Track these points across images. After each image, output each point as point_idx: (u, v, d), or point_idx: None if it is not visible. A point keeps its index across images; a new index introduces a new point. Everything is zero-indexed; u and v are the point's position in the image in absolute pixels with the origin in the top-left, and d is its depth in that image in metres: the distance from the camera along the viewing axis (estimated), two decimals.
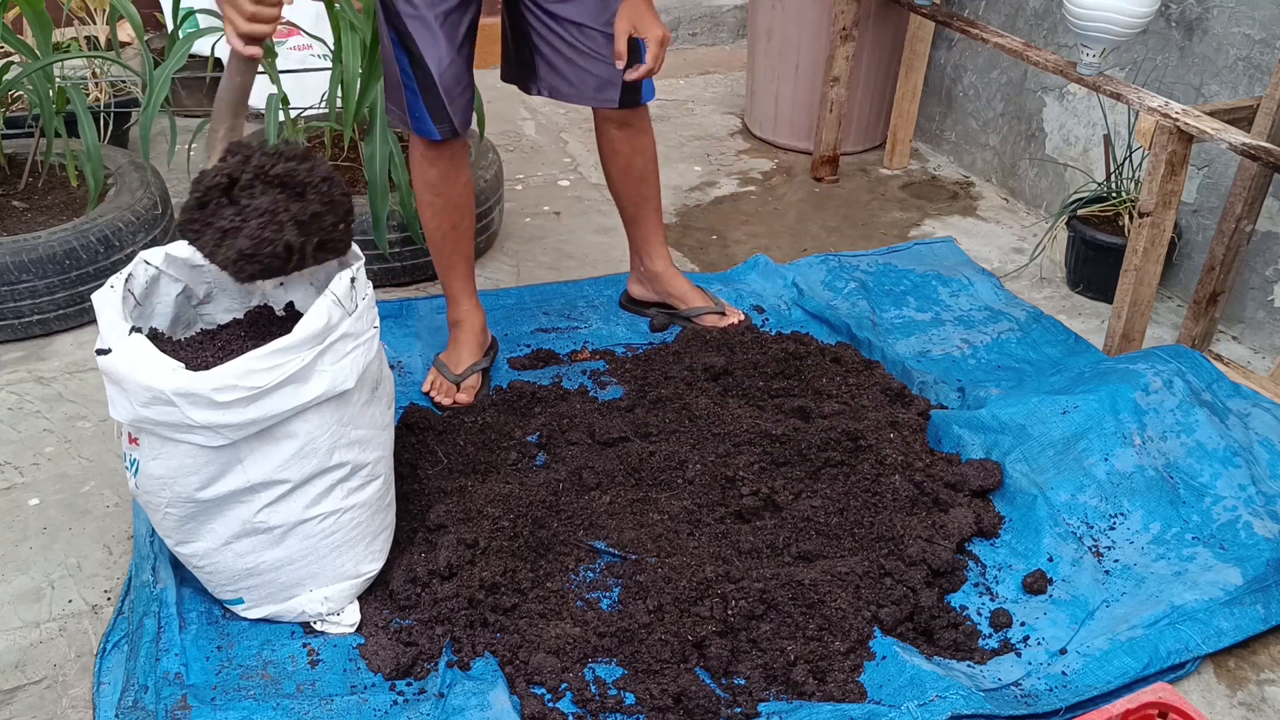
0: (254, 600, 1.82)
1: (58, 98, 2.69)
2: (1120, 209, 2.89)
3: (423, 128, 2.23)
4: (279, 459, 1.66)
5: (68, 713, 1.72)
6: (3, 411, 2.34)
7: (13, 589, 1.93)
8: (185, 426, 1.58)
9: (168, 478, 1.65)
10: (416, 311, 2.71)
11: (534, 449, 2.23)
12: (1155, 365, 2.23)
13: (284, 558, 1.76)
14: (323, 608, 1.83)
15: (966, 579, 1.98)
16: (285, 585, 1.79)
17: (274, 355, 1.59)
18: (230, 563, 1.75)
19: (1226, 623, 1.86)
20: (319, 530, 1.75)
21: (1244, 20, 2.66)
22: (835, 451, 2.16)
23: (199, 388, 1.55)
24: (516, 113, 3.95)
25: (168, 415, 1.57)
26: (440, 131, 2.23)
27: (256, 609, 1.83)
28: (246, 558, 1.74)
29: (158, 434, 1.61)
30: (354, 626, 1.84)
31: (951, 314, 2.79)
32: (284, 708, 1.67)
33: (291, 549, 1.75)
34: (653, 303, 2.74)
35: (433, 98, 2.19)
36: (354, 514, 1.79)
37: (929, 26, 3.37)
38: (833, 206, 3.42)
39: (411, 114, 2.22)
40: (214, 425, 1.58)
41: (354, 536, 1.81)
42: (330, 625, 1.84)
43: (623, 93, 2.35)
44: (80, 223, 2.58)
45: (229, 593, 1.82)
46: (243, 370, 1.57)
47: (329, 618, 1.84)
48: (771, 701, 1.72)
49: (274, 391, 1.59)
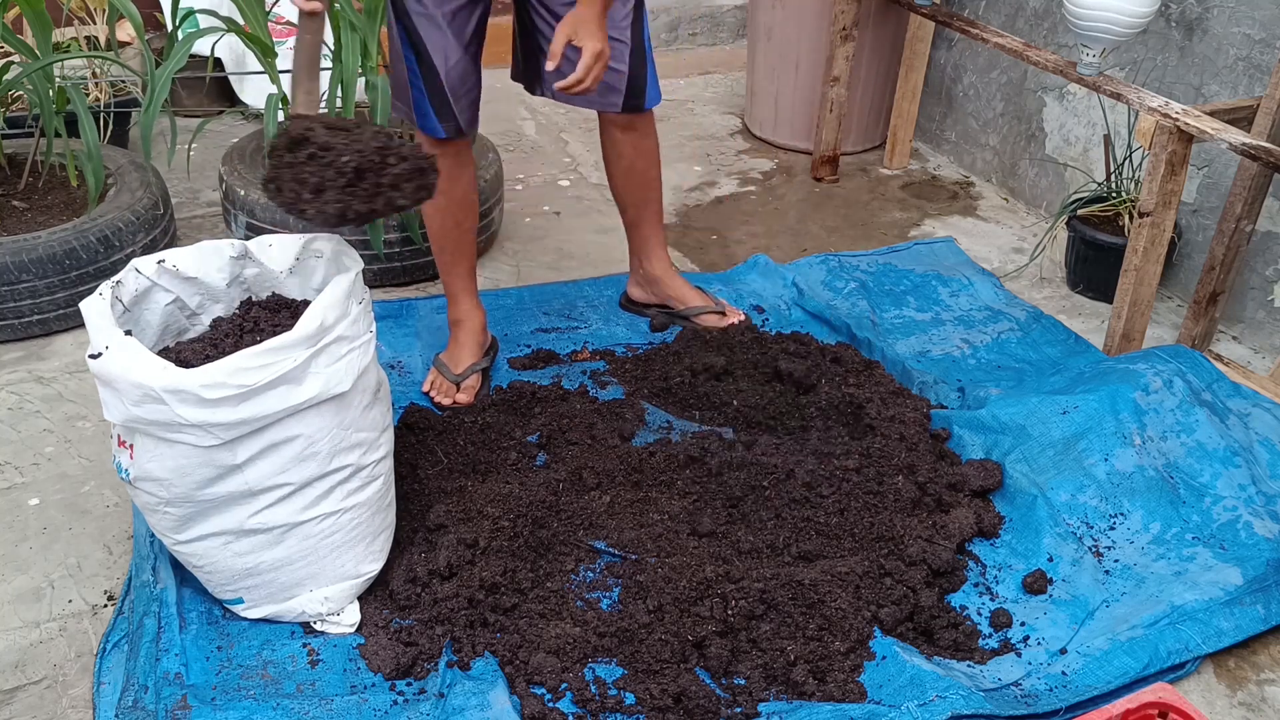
0: (254, 600, 1.82)
1: (58, 98, 2.69)
2: (1120, 209, 2.89)
3: (428, 125, 2.24)
4: (279, 462, 1.66)
5: (68, 713, 1.72)
6: (3, 411, 2.34)
7: (13, 589, 1.93)
8: (176, 425, 1.57)
9: (166, 479, 1.64)
10: (416, 311, 2.71)
11: (534, 449, 2.23)
12: (1155, 365, 2.23)
13: (284, 558, 1.75)
14: (323, 608, 1.83)
15: (966, 579, 1.98)
16: (285, 585, 1.79)
17: (266, 354, 1.58)
18: (230, 562, 1.75)
19: (1226, 623, 1.86)
20: (319, 531, 1.75)
21: (1244, 20, 2.66)
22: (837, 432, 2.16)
23: (188, 384, 1.54)
24: (516, 113, 3.95)
25: (159, 414, 1.57)
26: (445, 130, 2.24)
27: (256, 609, 1.83)
28: (246, 558, 1.74)
29: (151, 434, 1.61)
30: (354, 626, 1.84)
31: (951, 314, 2.79)
32: (284, 708, 1.67)
33: (291, 549, 1.75)
34: (652, 305, 2.74)
35: (438, 96, 2.20)
36: (354, 514, 1.79)
37: (929, 26, 3.37)
38: (833, 206, 3.42)
39: (417, 111, 2.23)
40: (205, 424, 1.57)
41: (354, 537, 1.81)
42: (330, 625, 1.84)
43: (626, 97, 2.35)
44: (80, 223, 2.58)
45: (229, 592, 1.82)
46: (233, 368, 1.56)
47: (329, 618, 1.84)
48: (771, 701, 1.72)
49: (265, 391, 1.58)
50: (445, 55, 2.16)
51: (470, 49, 2.21)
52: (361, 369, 1.71)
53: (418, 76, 2.19)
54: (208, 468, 1.63)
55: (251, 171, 2.80)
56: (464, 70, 2.20)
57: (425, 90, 2.20)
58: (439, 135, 2.25)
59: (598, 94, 2.29)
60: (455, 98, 2.21)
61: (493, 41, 2.43)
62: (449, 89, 2.19)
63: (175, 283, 1.82)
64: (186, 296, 1.84)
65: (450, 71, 2.18)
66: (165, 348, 1.81)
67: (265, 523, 1.71)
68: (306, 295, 1.88)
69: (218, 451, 1.62)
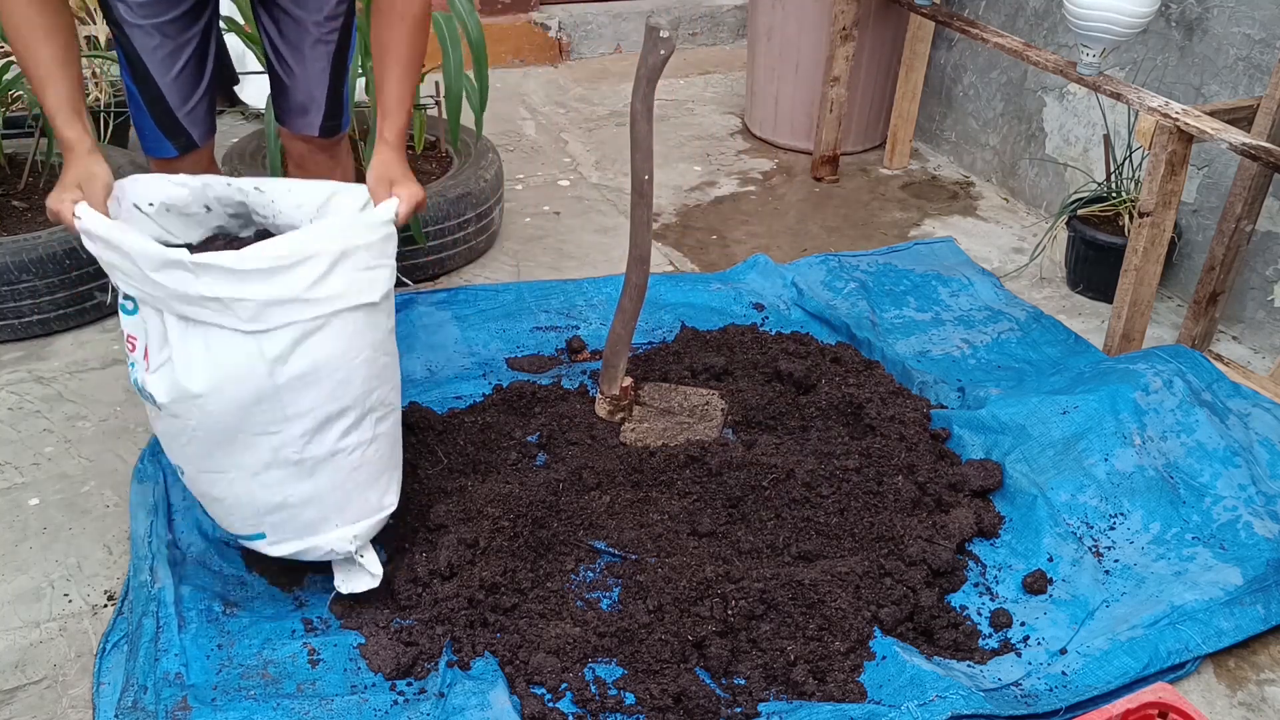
0: (278, 536, 1.80)
1: None
2: (1120, 209, 2.89)
3: (156, 147, 2.01)
4: (316, 388, 1.67)
5: (68, 713, 1.72)
6: (3, 411, 2.34)
7: (13, 589, 1.93)
8: (203, 301, 1.57)
9: (203, 395, 1.63)
10: (417, 310, 2.71)
11: (534, 449, 2.23)
12: (1155, 365, 2.24)
13: (313, 491, 1.75)
14: (351, 545, 1.82)
15: (967, 579, 1.98)
16: (311, 521, 1.78)
17: (292, 242, 1.61)
18: (256, 495, 1.74)
19: (1226, 623, 1.86)
20: (349, 463, 1.75)
21: (1244, 20, 2.66)
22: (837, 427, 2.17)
23: (219, 260, 1.56)
24: (516, 113, 3.95)
25: (182, 284, 1.57)
26: (177, 146, 2.02)
27: (281, 545, 1.81)
28: (273, 490, 1.73)
29: (188, 320, 1.60)
30: (378, 577, 1.85)
31: (951, 314, 2.79)
32: (284, 708, 1.67)
33: (320, 483, 1.75)
34: None
35: (161, 111, 1.98)
36: (378, 445, 1.79)
37: (929, 26, 3.37)
38: (833, 206, 3.42)
39: (141, 134, 2.01)
40: (235, 299, 1.57)
41: (379, 469, 1.81)
42: (357, 570, 1.84)
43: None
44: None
45: (249, 527, 1.79)
46: (259, 249, 1.59)
47: (359, 557, 1.84)
48: (771, 701, 1.72)
49: (294, 268, 1.59)
50: (166, 65, 1.93)
51: (197, 53, 1.98)
52: (386, 291, 1.71)
53: (135, 94, 1.96)
54: (247, 383, 1.62)
55: (251, 171, 2.80)
56: (189, 78, 1.98)
57: (146, 107, 1.97)
58: (170, 155, 2.02)
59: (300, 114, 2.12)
60: (182, 111, 1.98)
61: (494, 41, 2.42)
62: (172, 102, 1.97)
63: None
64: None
65: (171, 84, 1.95)
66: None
67: (300, 454, 1.70)
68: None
69: (256, 361, 1.61)
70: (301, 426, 1.68)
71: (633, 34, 4.54)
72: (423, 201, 1.84)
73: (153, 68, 1.93)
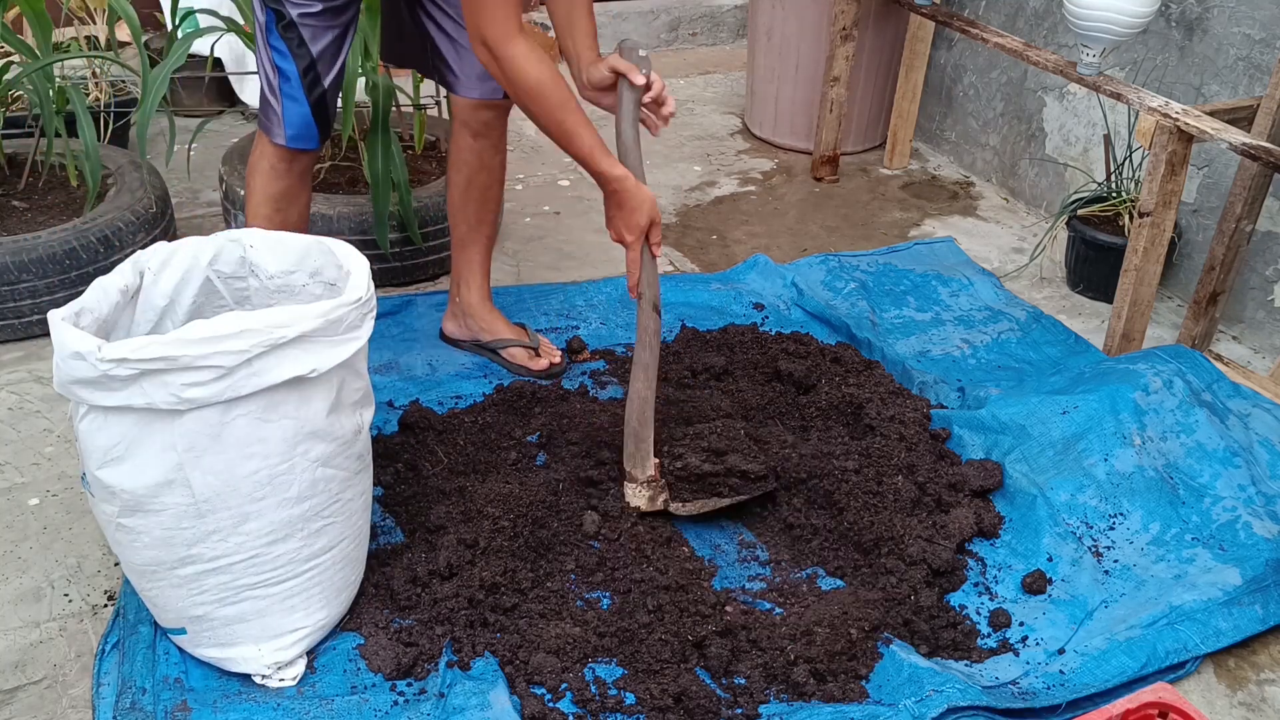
0: (197, 641, 1.71)
1: (58, 98, 2.69)
2: (1120, 209, 2.89)
3: (304, 136, 2.08)
4: (228, 466, 1.53)
5: (68, 713, 1.72)
6: (3, 411, 2.34)
7: (13, 589, 1.93)
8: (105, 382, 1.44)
9: (115, 485, 1.54)
10: (416, 310, 2.71)
11: (534, 449, 2.23)
12: (1155, 365, 2.24)
13: (231, 594, 1.64)
14: (267, 670, 1.71)
15: (966, 579, 1.98)
16: (230, 622, 1.67)
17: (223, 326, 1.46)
18: (172, 591, 1.64)
19: (1225, 623, 1.86)
20: (271, 573, 1.64)
21: (1244, 20, 2.66)
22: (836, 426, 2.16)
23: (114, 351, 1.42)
24: (516, 112, 3.94)
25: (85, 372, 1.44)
26: (322, 138, 2.12)
27: (200, 650, 1.72)
28: (190, 586, 1.63)
29: (89, 401, 1.47)
30: (296, 679, 1.73)
31: (951, 314, 2.79)
32: (285, 709, 1.67)
33: (240, 585, 1.64)
34: (465, 341, 2.54)
35: (320, 105, 2.06)
36: (316, 561, 1.68)
37: (929, 26, 3.37)
38: (833, 206, 3.42)
39: (289, 124, 2.06)
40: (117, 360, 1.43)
41: (314, 583, 1.71)
42: (271, 682, 1.73)
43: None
44: (80, 223, 2.58)
45: (170, 621, 1.71)
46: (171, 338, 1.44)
47: (273, 674, 1.72)
48: (772, 702, 1.72)
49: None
50: (333, 61, 2.03)
51: (347, 49, 2.08)
52: (334, 363, 1.55)
53: (298, 87, 2.02)
54: (160, 458, 1.51)
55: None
56: (339, 72, 2.08)
57: (307, 100, 2.03)
58: (315, 147, 2.11)
59: (480, 77, 2.22)
60: (335, 104, 2.06)
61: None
62: (329, 97, 2.05)
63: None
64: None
65: (336, 79, 2.05)
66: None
67: (211, 551, 1.58)
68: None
69: (163, 432, 1.49)
70: (214, 522, 1.56)
71: (633, 34, 4.54)
72: (657, 218, 1.97)
73: (320, 60, 2.01)
